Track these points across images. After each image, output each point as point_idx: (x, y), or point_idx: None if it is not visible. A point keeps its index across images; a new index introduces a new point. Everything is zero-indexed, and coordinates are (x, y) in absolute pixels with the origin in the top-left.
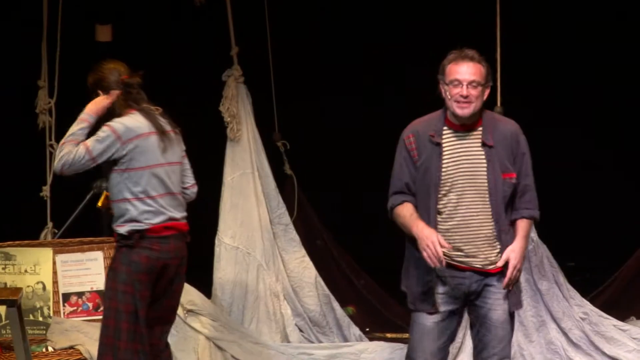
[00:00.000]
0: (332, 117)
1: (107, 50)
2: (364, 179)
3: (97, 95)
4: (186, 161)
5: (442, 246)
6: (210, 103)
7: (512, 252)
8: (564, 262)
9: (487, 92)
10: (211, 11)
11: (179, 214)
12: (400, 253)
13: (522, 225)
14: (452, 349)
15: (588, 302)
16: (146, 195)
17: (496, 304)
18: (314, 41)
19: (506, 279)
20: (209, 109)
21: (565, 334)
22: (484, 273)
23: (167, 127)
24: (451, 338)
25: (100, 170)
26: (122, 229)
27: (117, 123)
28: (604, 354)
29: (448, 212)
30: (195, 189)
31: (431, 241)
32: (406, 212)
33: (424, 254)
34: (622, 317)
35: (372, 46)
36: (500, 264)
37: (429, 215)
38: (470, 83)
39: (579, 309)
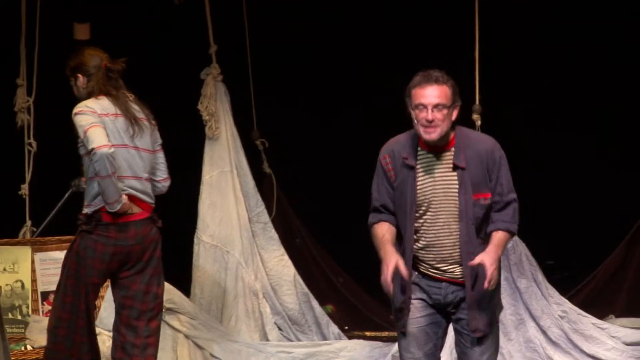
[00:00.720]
0: (311, 115)
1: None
2: (343, 177)
3: (77, 79)
4: (161, 154)
5: (402, 273)
6: (189, 101)
7: (485, 254)
8: (542, 260)
9: (455, 112)
10: (190, 9)
11: (145, 198)
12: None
13: (496, 235)
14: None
15: (567, 301)
16: None
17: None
18: (292, 39)
19: (487, 278)
20: (188, 108)
21: (544, 332)
22: (460, 284)
23: (140, 114)
24: (439, 344)
25: (79, 169)
26: (88, 208)
27: (83, 106)
28: (582, 352)
29: (423, 231)
30: (167, 183)
31: (386, 266)
32: (379, 232)
33: (382, 277)
34: (601, 315)
35: (351, 45)
36: (472, 263)
37: (406, 234)
38: (435, 107)
39: (557, 307)
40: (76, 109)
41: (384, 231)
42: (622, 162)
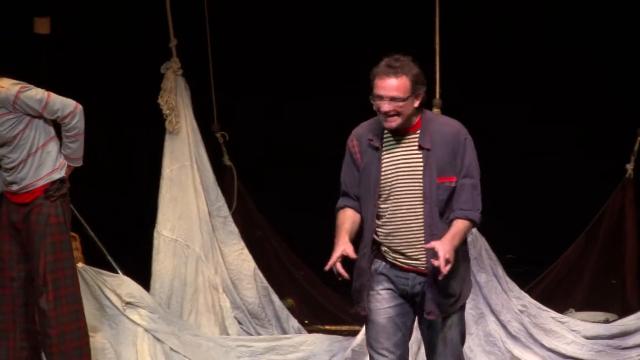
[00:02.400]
0: (271, 107)
1: (46, 42)
2: (304, 169)
3: None
4: None
5: (350, 256)
6: (149, 95)
7: (439, 242)
8: (502, 254)
9: (417, 100)
10: (150, 3)
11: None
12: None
13: (455, 224)
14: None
15: (527, 295)
16: None
17: None
18: (253, 32)
19: (441, 261)
20: (148, 102)
21: (504, 326)
22: (427, 275)
23: None
24: (407, 334)
25: None
26: (58, 173)
27: (18, 82)
28: (542, 346)
29: (388, 216)
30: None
31: (333, 253)
32: (340, 219)
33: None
34: (561, 309)
35: (312, 38)
36: (427, 246)
37: (369, 220)
38: (392, 99)
39: (517, 302)
40: (18, 87)
41: (344, 218)
42: (580, 155)
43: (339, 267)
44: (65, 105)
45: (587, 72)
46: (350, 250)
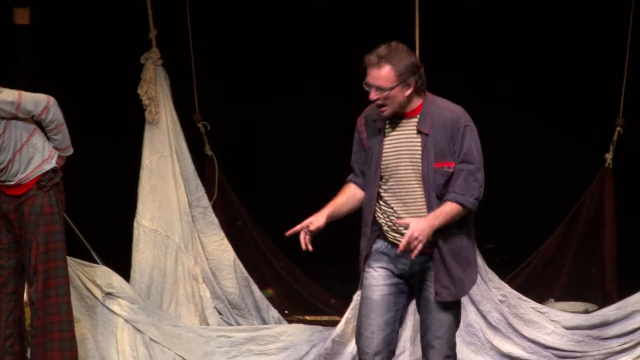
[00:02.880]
0: (252, 98)
1: (26, 33)
2: (285, 159)
3: None
4: None
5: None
6: (129, 86)
7: (414, 222)
8: (482, 244)
9: (407, 90)
10: None
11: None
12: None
13: (443, 205)
14: None
15: (507, 285)
16: None
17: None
18: (233, 22)
19: (402, 242)
20: (128, 92)
21: (484, 316)
22: (426, 255)
23: None
24: (399, 315)
25: None
26: (49, 164)
27: None
28: (522, 336)
29: (389, 197)
30: None
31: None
32: (339, 193)
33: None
34: (541, 299)
35: (292, 27)
36: (400, 223)
37: (371, 200)
38: (377, 88)
39: (497, 292)
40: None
41: (342, 192)
42: (560, 144)
43: (302, 235)
44: (38, 103)
45: (566, 61)
46: (316, 223)
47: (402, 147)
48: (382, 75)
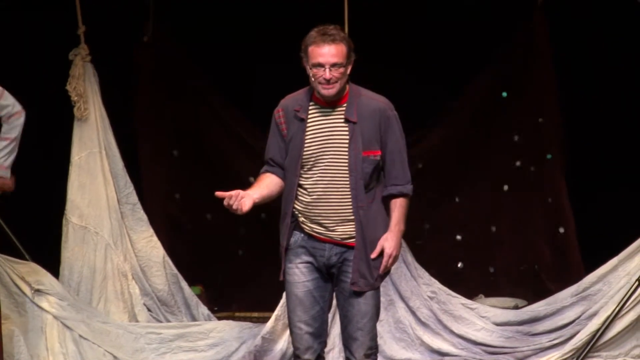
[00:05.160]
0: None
1: None
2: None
3: None
4: None
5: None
6: (57, 82)
7: (386, 241)
8: (411, 240)
9: (349, 67)
10: None
11: None
12: (248, 232)
13: (395, 205)
14: None
15: (436, 281)
16: None
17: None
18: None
19: (381, 267)
20: (56, 88)
21: (413, 312)
22: (343, 246)
23: None
24: (325, 306)
25: None
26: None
27: None
28: (452, 332)
29: (309, 186)
30: None
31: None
32: (257, 180)
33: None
34: (471, 295)
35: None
36: (373, 255)
37: (291, 190)
38: (332, 65)
39: (427, 288)
40: None
41: (260, 180)
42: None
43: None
44: (15, 104)
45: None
46: (244, 195)
47: (326, 135)
48: (337, 51)
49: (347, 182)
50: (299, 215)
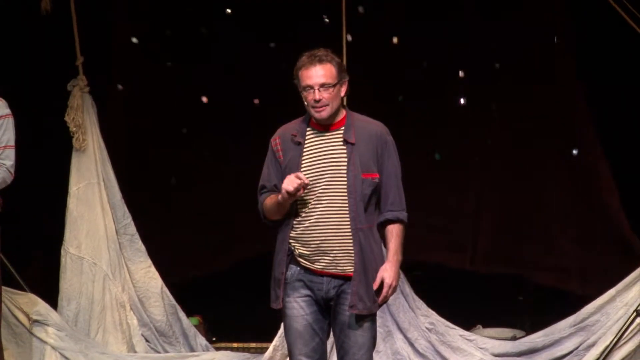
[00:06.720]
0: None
1: None
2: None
3: None
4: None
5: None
6: (56, 113)
7: (385, 272)
8: (410, 271)
9: (343, 88)
10: (57, 21)
11: None
12: (251, 264)
13: (392, 233)
14: None
15: (434, 312)
16: None
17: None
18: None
19: (381, 297)
20: (55, 119)
21: (411, 344)
22: (341, 278)
23: None
24: (324, 337)
25: None
26: None
27: None
28: None
29: (307, 210)
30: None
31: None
32: (269, 198)
33: (288, 188)
34: (469, 325)
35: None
36: (375, 287)
37: (288, 216)
38: (321, 86)
39: (425, 319)
40: None
41: (271, 197)
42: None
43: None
44: (3, 108)
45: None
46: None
47: (325, 158)
48: (324, 72)
49: (346, 204)
50: (295, 248)
